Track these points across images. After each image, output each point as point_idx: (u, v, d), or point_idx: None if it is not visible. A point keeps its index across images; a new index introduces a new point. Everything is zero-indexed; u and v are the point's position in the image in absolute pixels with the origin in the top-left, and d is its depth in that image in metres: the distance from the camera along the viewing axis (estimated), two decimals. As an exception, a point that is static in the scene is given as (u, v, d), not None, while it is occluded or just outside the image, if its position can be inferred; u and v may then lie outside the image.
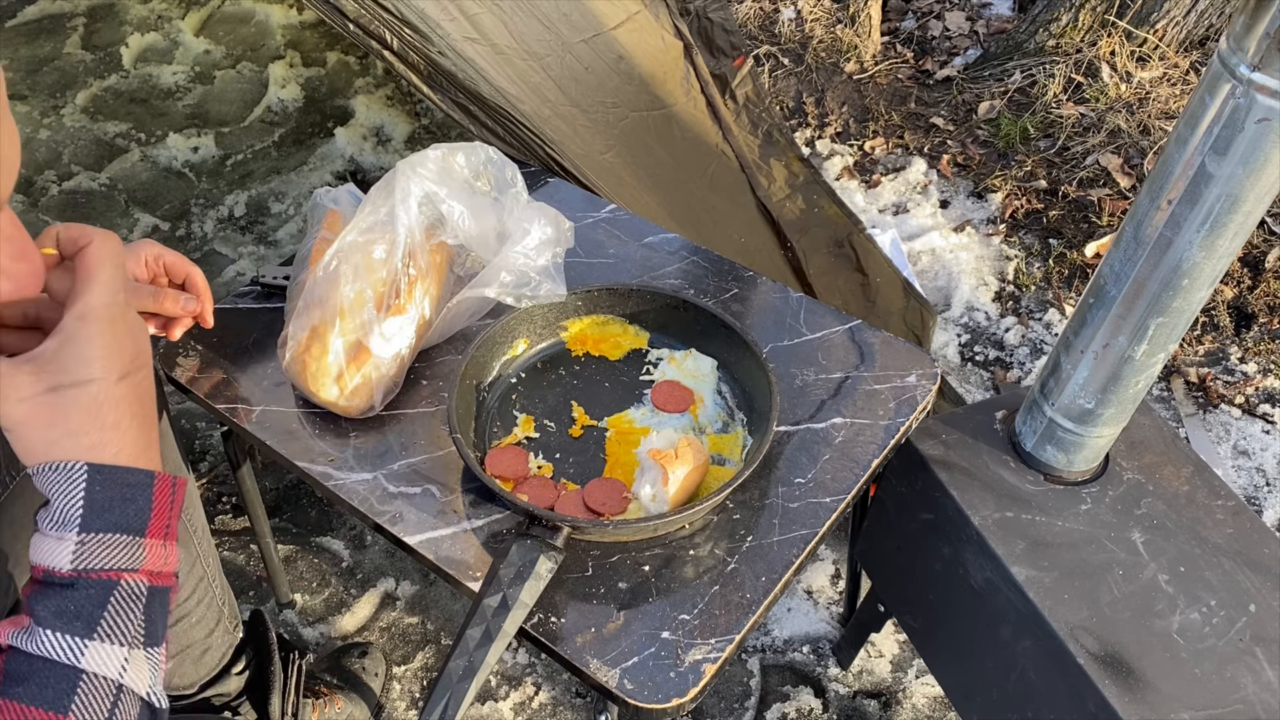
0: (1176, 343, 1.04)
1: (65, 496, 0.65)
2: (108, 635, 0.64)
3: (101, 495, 0.65)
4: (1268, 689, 1.00)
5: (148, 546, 0.67)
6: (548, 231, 1.21)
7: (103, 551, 0.65)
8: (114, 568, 0.65)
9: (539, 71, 1.66)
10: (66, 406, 0.65)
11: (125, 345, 0.68)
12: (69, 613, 0.64)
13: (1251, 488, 1.92)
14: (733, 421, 1.18)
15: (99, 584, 0.65)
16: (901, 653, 1.66)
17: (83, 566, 0.65)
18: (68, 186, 2.54)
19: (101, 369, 0.66)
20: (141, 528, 0.66)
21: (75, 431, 0.66)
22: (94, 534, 0.65)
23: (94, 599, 0.64)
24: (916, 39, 3.04)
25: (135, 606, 0.66)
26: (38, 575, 0.66)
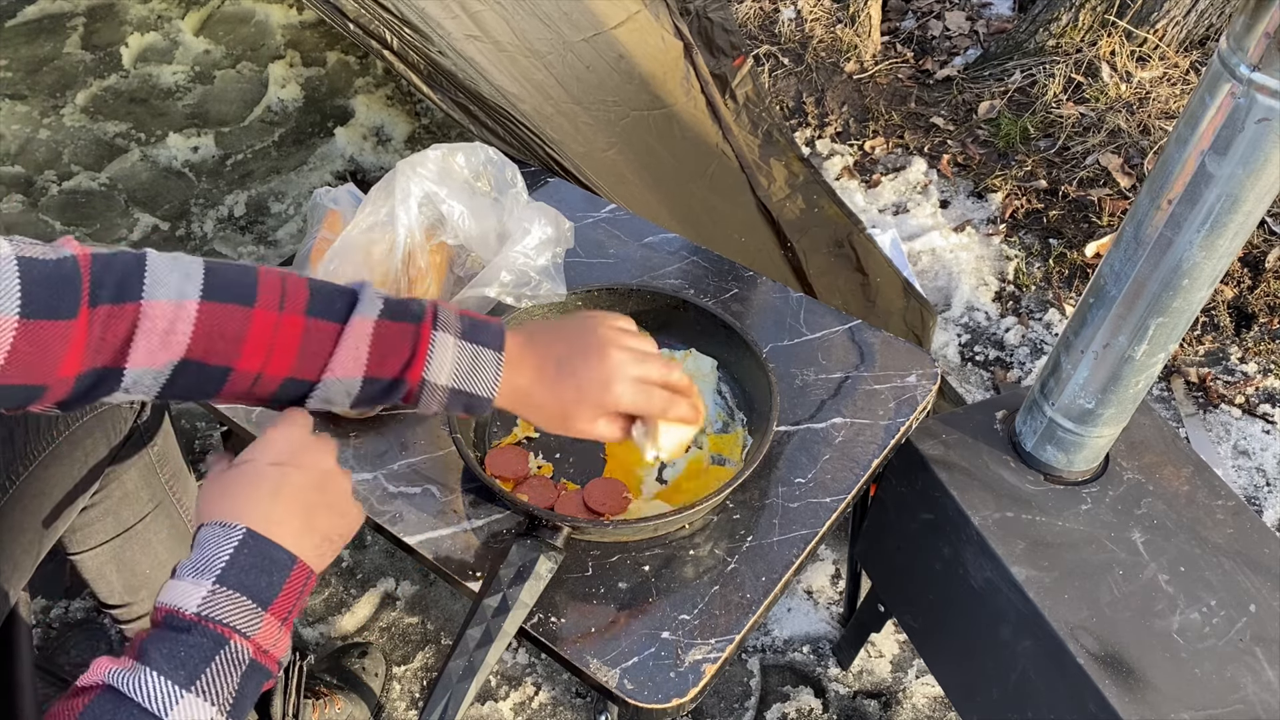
0: (1176, 343, 1.04)
1: (216, 548, 0.71)
2: (203, 691, 0.65)
3: (246, 558, 0.70)
4: (1268, 689, 1.00)
5: (265, 621, 0.69)
6: (548, 231, 1.21)
7: (228, 606, 0.68)
8: (231, 625, 0.67)
9: (541, 70, 1.66)
10: (232, 478, 0.77)
11: (279, 441, 0.80)
12: (178, 658, 0.65)
13: (1251, 488, 1.92)
14: (733, 421, 1.18)
15: (213, 636, 0.67)
16: (901, 653, 1.66)
17: (206, 613, 0.67)
18: (68, 186, 2.54)
19: (258, 452, 0.78)
20: (267, 601, 0.70)
21: (239, 500, 0.75)
22: (226, 588, 0.69)
23: (203, 650, 0.66)
24: (916, 39, 3.04)
25: (235, 672, 0.67)
26: (158, 618, 0.68)
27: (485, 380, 0.85)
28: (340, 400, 0.83)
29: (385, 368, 0.82)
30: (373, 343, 0.81)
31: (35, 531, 1.08)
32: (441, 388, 0.83)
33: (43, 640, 1.62)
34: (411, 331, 0.82)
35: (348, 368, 0.81)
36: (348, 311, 0.81)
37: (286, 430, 0.80)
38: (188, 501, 1.29)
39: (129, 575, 1.25)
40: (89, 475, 1.12)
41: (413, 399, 0.84)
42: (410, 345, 0.82)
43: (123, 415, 1.15)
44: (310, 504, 0.76)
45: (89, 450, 1.11)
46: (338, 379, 0.81)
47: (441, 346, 0.83)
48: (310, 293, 0.81)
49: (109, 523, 1.20)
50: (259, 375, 0.80)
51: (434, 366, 0.83)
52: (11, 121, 2.73)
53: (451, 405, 0.85)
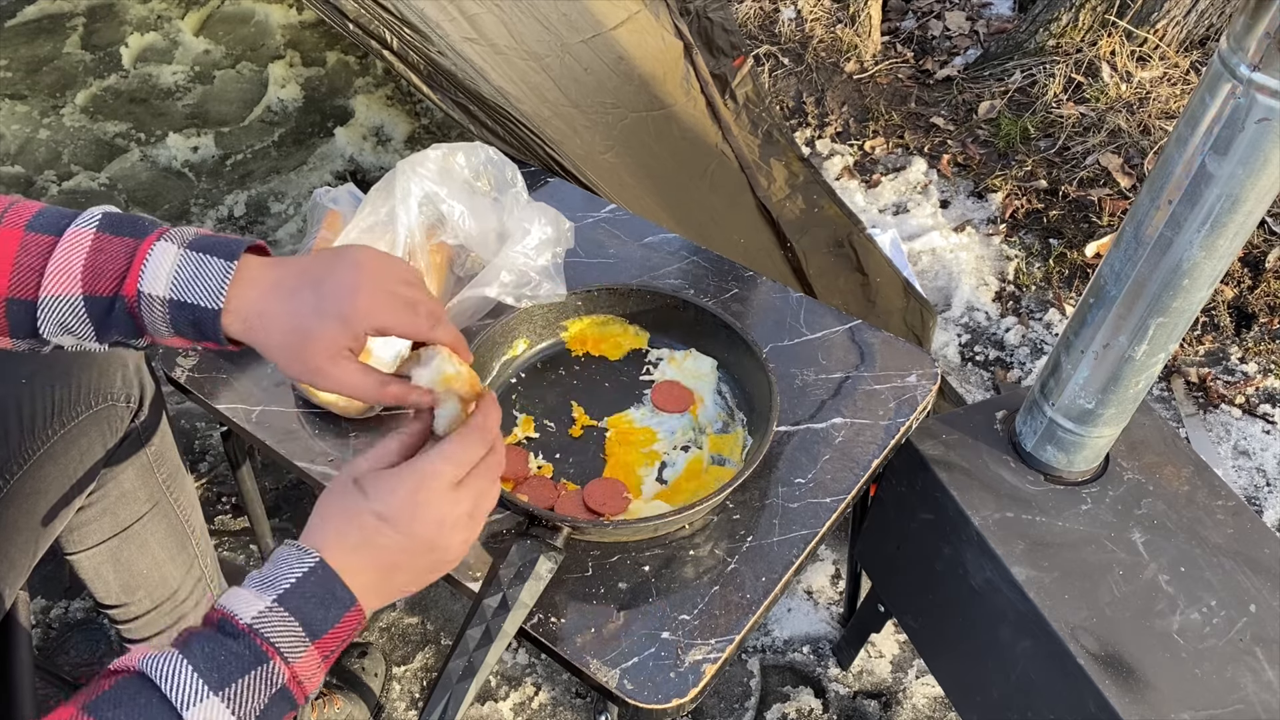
0: (1177, 343, 1.04)
1: (287, 569, 0.69)
2: (230, 700, 0.64)
3: (311, 587, 0.69)
4: (1268, 689, 1.00)
5: (309, 653, 0.68)
6: (548, 231, 1.21)
7: (280, 627, 0.67)
8: (276, 646, 0.67)
9: (539, 72, 1.66)
10: (336, 506, 0.73)
11: (403, 492, 0.72)
12: (217, 661, 0.65)
13: (1252, 488, 1.92)
14: (733, 421, 1.17)
15: (256, 651, 0.66)
16: (901, 653, 1.65)
17: (257, 627, 0.66)
18: (68, 186, 2.54)
19: (377, 491, 0.72)
20: (318, 634, 0.69)
21: (328, 533, 0.72)
22: (283, 609, 0.68)
23: (243, 662, 0.65)
24: (916, 39, 3.03)
25: (265, 692, 0.66)
26: (213, 619, 0.68)
27: (209, 288, 0.76)
28: (80, 328, 0.77)
29: (102, 283, 0.76)
30: (89, 255, 0.76)
31: (32, 531, 1.08)
32: (159, 299, 0.76)
33: (42, 640, 1.62)
34: (130, 244, 0.77)
35: (63, 283, 0.75)
36: (66, 226, 0.77)
37: (418, 483, 0.73)
38: (184, 502, 1.29)
39: (126, 575, 1.25)
40: (86, 475, 1.12)
41: (140, 323, 0.78)
42: (127, 257, 0.76)
43: (119, 415, 1.15)
44: (394, 565, 0.73)
45: (85, 449, 1.11)
46: (54, 297, 0.76)
47: (161, 255, 0.76)
48: (37, 212, 0.77)
49: (106, 522, 1.20)
50: None
51: (149, 275, 0.76)
52: (11, 121, 2.72)
53: (178, 323, 0.77)
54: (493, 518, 1.07)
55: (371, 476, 0.74)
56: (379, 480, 0.73)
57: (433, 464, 0.73)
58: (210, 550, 1.36)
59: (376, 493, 0.72)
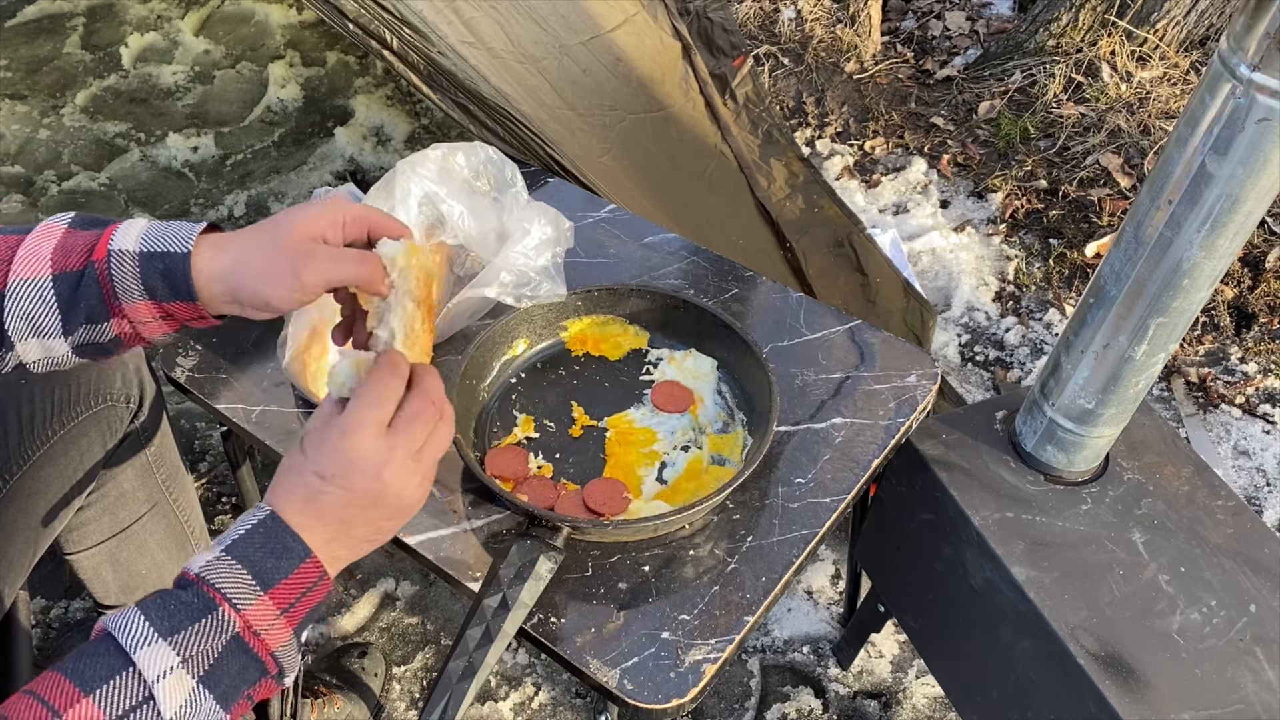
0: (1177, 343, 1.04)
1: (240, 524, 0.71)
2: (178, 645, 0.65)
3: (259, 537, 0.70)
4: (1268, 689, 1.00)
5: (261, 601, 0.68)
6: (548, 231, 1.20)
7: (227, 574, 0.68)
8: (223, 593, 0.67)
9: (536, 75, 1.66)
10: (285, 465, 0.74)
11: (335, 448, 0.72)
12: (167, 610, 0.66)
13: (1252, 488, 1.92)
14: (733, 421, 1.17)
15: (203, 599, 0.67)
16: (901, 653, 1.65)
17: (204, 575, 0.67)
18: (67, 186, 2.54)
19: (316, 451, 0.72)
20: (269, 583, 0.69)
21: (279, 490, 0.73)
22: (231, 557, 0.68)
23: (191, 609, 0.66)
24: (916, 39, 3.03)
25: (216, 640, 0.66)
26: (176, 580, 0.69)
27: (179, 236, 0.79)
28: (46, 319, 0.79)
29: (71, 259, 0.78)
30: (59, 243, 0.79)
31: (31, 531, 1.08)
32: (129, 255, 0.78)
33: (42, 640, 1.62)
34: (99, 231, 0.80)
35: (32, 266, 0.78)
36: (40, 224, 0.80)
37: (342, 435, 0.72)
38: (184, 502, 1.29)
39: (125, 575, 1.25)
40: (85, 475, 1.12)
41: (109, 289, 0.79)
42: (97, 236, 0.80)
43: (119, 415, 1.15)
44: (344, 519, 0.73)
45: (84, 450, 1.11)
46: (21, 280, 0.77)
47: (131, 225, 0.81)
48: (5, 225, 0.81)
49: (105, 523, 1.20)
50: None
51: (119, 237, 0.79)
52: (11, 121, 2.72)
53: (149, 277, 0.79)
54: (493, 517, 1.07)
55: (310, 434, 0.74)
56: (314, 437, 0.74)
57: (353, 414, 0.72)
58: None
59: (314, 451, 0.73)
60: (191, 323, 0.83)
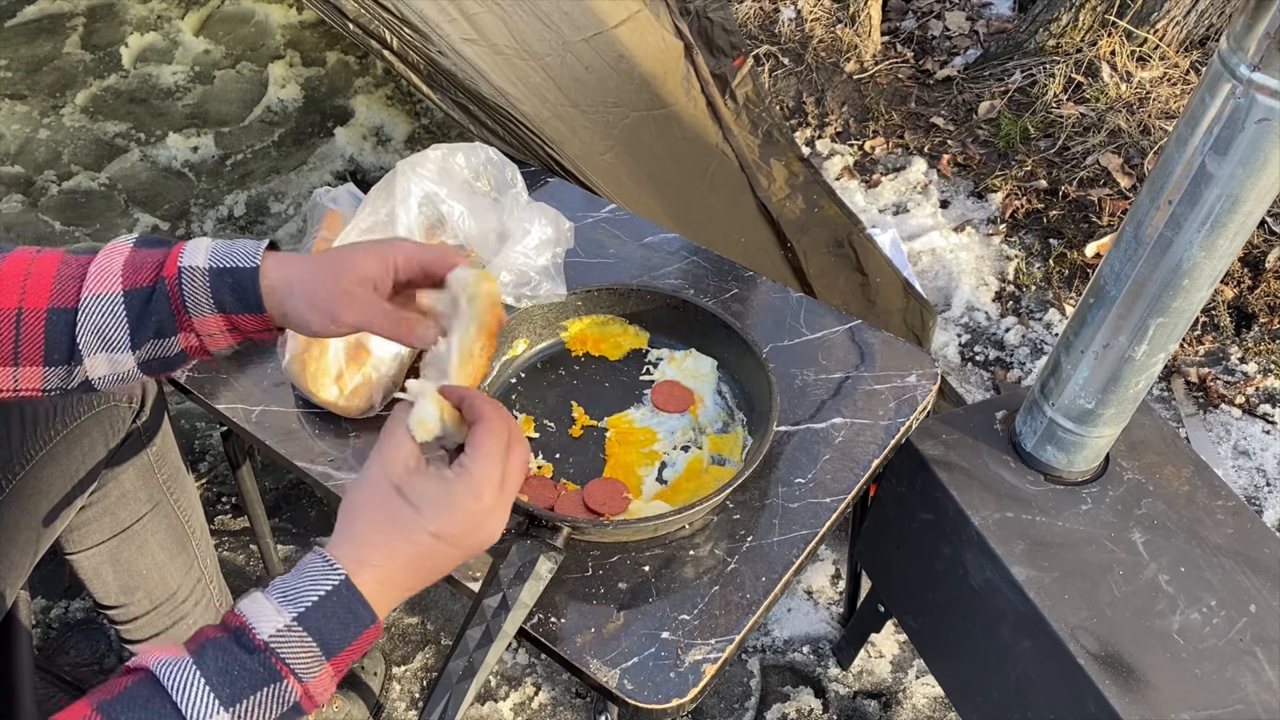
0: (1177, 343, 1.04)
1: (311, 584, 0.69)
2: (240, 716, 0.64)
3: (333, 606, 0.68)
4: (1268, 689, 1.00)
5: (324, 670, 0.68)
6: (548, 231, 1.20)
7: (298, 647, 0.67)
8: (291, 667, 0.66)
9: (539, 72, 1.66)
10: (391, 510, 0.71)
11: (463, 509, 0.72)
12: (230, 675, 0.64)
13: (1251, 488, 1.92)
14: (733, 421, 1.17)
15: (270, 671, 0.65)
16: (901, 653, 1.65)
17: (274, 646, 0.66)
18: (67, 186, 2.54)
19: (432, 508, 0.71)
20: (334, 652, 0.68)
21: (375, 540, 0.71)
22: (302, 629, 0.67)
23: (256, 679, 0.65)
24: (916, 39, 3.03)
25: (275, 710, 0.66)
26: (231, 625, 0.67)
27: (246, 252, 0.83)
28: (115, 333, 0.81)
29: (141, 275, 0.81)
30: (128, 260, 0.82)
31: (33, 530, 1.08)
32: (200, 270, 0.82)
33: (42, 640, 1.62)
34: (166, 248, 0.83)
35: (104, 283, 0.80)
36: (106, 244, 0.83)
37: (474, 496, 0.72)
38: (185, 502, 1.29)
39: (125, 576, 1.25)
40: (87, 475, 1.12)
41: (179, 301, 0.82)
42: (165, 253, 0.83)
43: (121, 416, 1.15)
44: (436, 571, 0.73)
45: (86, 450, 1.11)
46: (95, 295, 0.80)
47: (197, 242, 0.84)
48: (71, 250, 0.83)
49: (106, 523, 1.20)
50: (18, 311, 0.79)
51: (189, 254, 0.82)
52: (11, 121, 2.72)
53: (219, 293, 0.82)
54: (493, 518, 1.07)
55: (417, 486, 0.72)
56: (429, 494, 0.72)
57: (481, 469, 0.73)
58: (211, 551, 1.36)
59: (432, 510, 0.71)
60: (256, 334, 0.86)
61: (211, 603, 1.36)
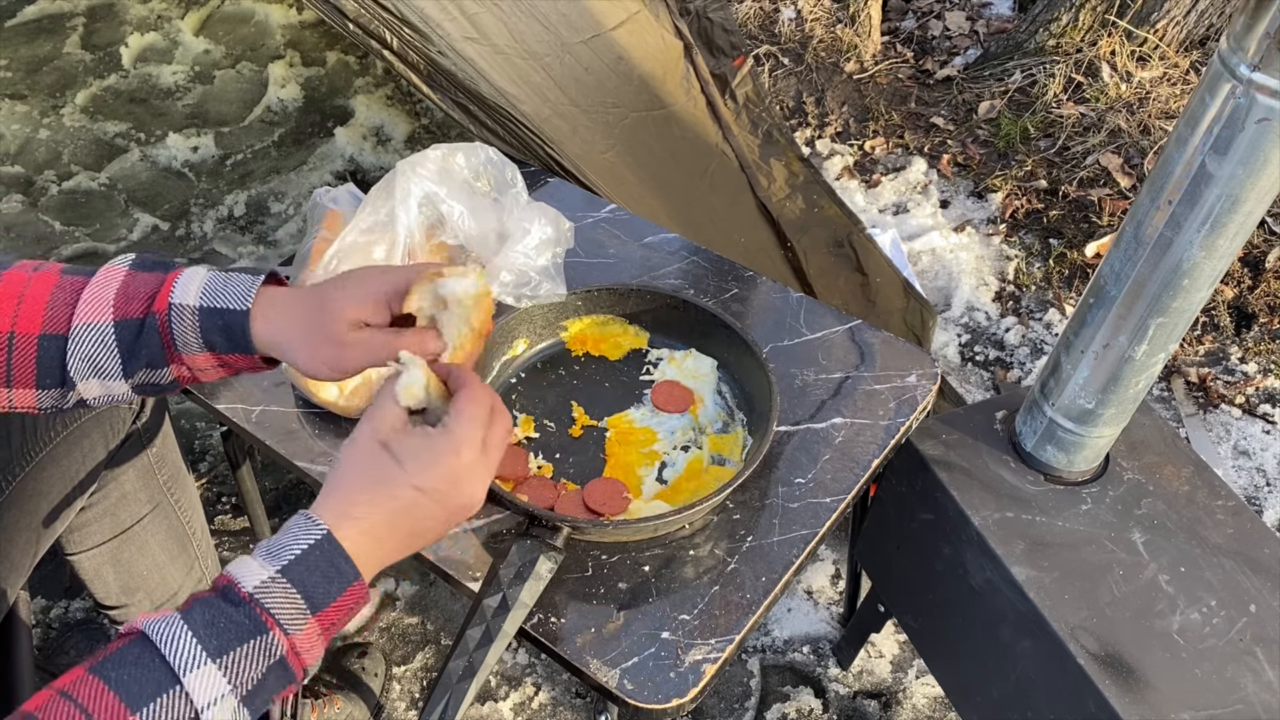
0: (1177, 343, 1.04)
1: (293, 539, 0.69)
2: (226, 667, 0.65)
3: (315, 559, 0.69)
4: (1268, 689, 1.00)
5: (309, 625, 0.68)
6: (548, 231, 1.21)
7: (282, 599, 0.67)
8: (276, 617, 0.67)
9: (539, 72, 1.66)
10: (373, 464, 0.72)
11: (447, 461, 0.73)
12: (216, 627, 0.65)
13: (1252, 488, 1.92)
14: (733, 421, 1.17)
15: (255, 622, 0.66)
16: (901, 653, 1.65)
17: (259, 598, 0.67)
18: (67, 186, 2.54)
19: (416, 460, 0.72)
20: (319, 606, 0.69)
21: (357, 494, 0.72)
22: (287, 581, 0.68)
23: (242, 630, 0.66)
24: (916, 39, 3.03)
25: (263, 662, 0.66)
26: (219, 584, 0.68)
27: (237, 292, 0.82)
28: (106, 361, 0.81)
29: (132, 306, 0.80)
30: (120, 287, 0.81)
31: (33, 531, 1.08)
32: (190, 309, 0.81)
33: (42, 640, 1.62)
34: (161, 275, 0.82)
35: (95, 312, 0.80)
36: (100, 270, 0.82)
37: (455, 453, 0.73)
38: (186, 503, 1.29)
39: (126, 576, 1.25)
40: (87, 476, 1.12)
41: (169, 337, 0.81)
42: (158, 282, 0.82)
43: (121, 416, 1.15)
44: (422, 532, 0.74)
45: (87, 451, 1.11)
46: (85, 325, 0.79)
47: (191, 274, 0.82)
48: (67, 263, 0.83)
49: (106, 523, 1.20)
50: (10, 335, 0.79)
51: (180, 289, 0.81)
52: (11, 121, 2.72)
53: (208, 333, 0.81)
54: (493, 517, 1.07)
55: (402, 442, 0.73)
56: (412, 448, 0.73)
57: (464, 429, 0.74)
58: (211, 551, 1.36)
59: (415, 464, 0.72)
60: (249, 370, 0.86)
61: (212, 603, 1.36)
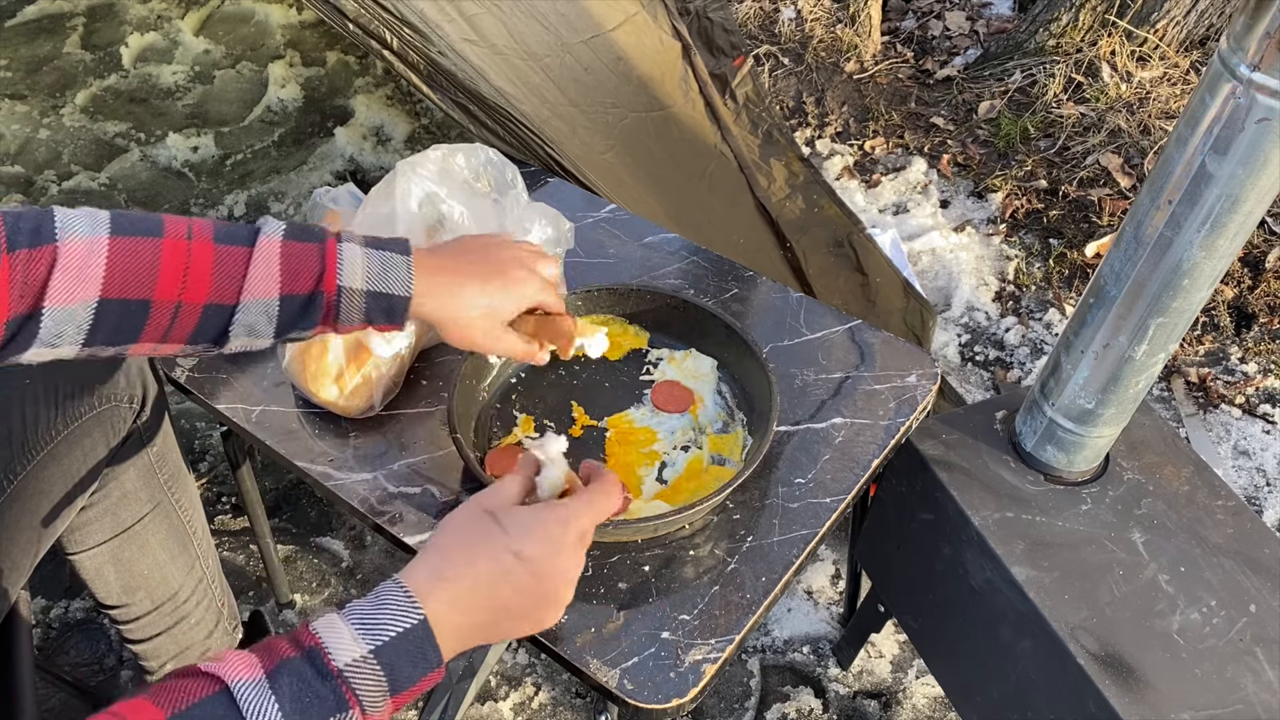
0: (1176, 343, 1.04)
1: (391, 618, 0.69)
2: None
3: (408, 645, 0.68)
4: (1268, 689, 1.00)
5: (386, 707, 0.68)
6: (548, 231, 1.21)
7: (369, 680, 0.67)
8: (360, 699, 0.66)
9: (538, 73, 1.66)
10: (475, 530, 0.74)
11: (547, 530, 0.75)
12: (302, 703, 0.64)
13: (1251, 488, 1.92)
14: (733, 421, 1.17)
15: (339, 700, 0.65)
16: (901, 653, 1.66)
17: (348, 676, 0.66)
18: (67, 186, 2.54)
19: (520, 529, 0.74)
20: (399, 690, 0.68)
21: (457, 562, 0.72)
22: (377, 665, 0.67)
23: (326, 707, 0.65)
24: (916, 39, 3.03)
25: None
26: (305, 644, 0.67)
27: (399, 279, 0.88)
28: (263, 327, 0.86)
29: (299, 283, 0.85)
30: (283, 260, 0.85)
31: (34, 530, 1.08)
32: (358, 292, 0.87)
33: (42, 640, 1.62)
34: (317, 248, 0.86)
35: (264, 287, 0.84)
36: (253, 237, 0.85)
37: (560, 526, 0.76)
38: (186, 502, 1.29)
39: (127, 575, 1.25)
40: (88, 475, 1.12)
41: (332, 312, 0.87)
42: (319, 258, 0.86)
43: (122, 415, 1.15)
44: (511, 610, 0.74)
45: (88, 450, 1.11)
46: (255, 299, 0.84)
47: (350, 255, 0.87)
48: (215, 225, 0.86)
49: (107, 523, 1.20)
50: (178, 305, 0.82)
51: (346, 273, 0.86)
52: (11, 121, 2.73)
53: (372, 312, 0.88)
54: (493, 518, 1.07)
55: (510, 512, 0.75)
56: (518, 516, 0.75)
57: (575, 510, 0.76)
58: (212, 551, 1.36)
59: (518, 530, 0.73)
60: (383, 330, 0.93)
61: (213, 603, 1.36)
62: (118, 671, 1.59)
